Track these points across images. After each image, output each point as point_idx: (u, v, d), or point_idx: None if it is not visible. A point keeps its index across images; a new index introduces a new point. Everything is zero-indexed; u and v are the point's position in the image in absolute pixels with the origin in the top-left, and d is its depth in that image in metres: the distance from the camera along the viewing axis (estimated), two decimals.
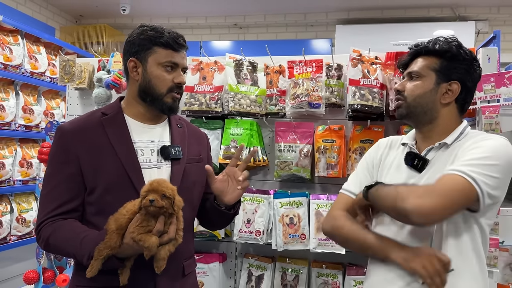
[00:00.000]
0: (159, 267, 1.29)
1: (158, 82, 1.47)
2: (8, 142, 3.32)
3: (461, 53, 1.35)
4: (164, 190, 1.25)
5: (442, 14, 4.98)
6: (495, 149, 1.24)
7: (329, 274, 2.13)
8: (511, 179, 1.30)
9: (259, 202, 2.15)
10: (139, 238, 1.24)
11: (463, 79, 1.35)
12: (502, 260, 1.82)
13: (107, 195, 1.40)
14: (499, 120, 1.73)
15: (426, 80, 1.36)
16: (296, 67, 2.18)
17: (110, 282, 1.35)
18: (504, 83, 1.74)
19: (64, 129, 1.46)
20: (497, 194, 1.24)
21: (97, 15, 5.74)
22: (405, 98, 1.39)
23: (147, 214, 1.26)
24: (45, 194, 1.44)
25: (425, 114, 1.37)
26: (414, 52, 1.41)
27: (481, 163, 1.20)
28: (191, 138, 1.63)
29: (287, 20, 5.47)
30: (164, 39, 1.45)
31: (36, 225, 1.43)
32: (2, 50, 3.24)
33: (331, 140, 2.11)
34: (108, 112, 1.51)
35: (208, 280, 2.23)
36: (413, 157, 1.36)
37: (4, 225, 3.18)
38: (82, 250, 1.32)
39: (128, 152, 1.44)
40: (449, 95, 1.35)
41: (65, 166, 1.42)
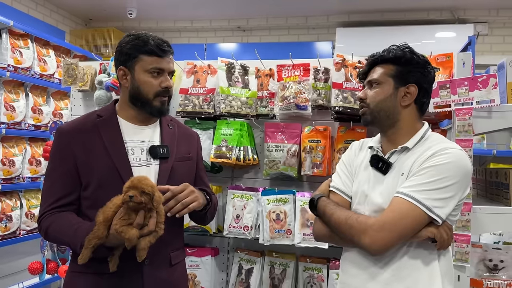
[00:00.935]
0: (140, 257, 1.40)
1: (146, 87, 1.58)
2: (18, 141, 3.47)
3: (414, 58, 1.45)
4: (143, 187, 1.36)
5: (442, 16, 5.04)
6: (448, 169, 1.35)
7: (315, 268, 2.23)
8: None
9: (248, 199, 2.26)
10: (121, 230, 1.36)
11: (419, 81, 1.45)
12: (476, 256, 1.91)
13: (99, 190, 1.52)
14: (472, 122, 1.82)
15: (385, 86, 1.46)
16: (285, 71, 2.28)
17: (101, 269, 1.48)
18: (477, 86, 1.83)
19: (62, 130, 1.60)
20: (454, 208, 1.38)
21: (105, 18, 5.92)
22: (368, 105, 1.49)
23: (128, 208, 1.37)
24: (45, 189, 1.58)
25: (388, 118, 1.48)
26: (372, 62, 1.51)
27: (434, 187, 1.34)
28: (181, 138, 1.74)
29: (289, 23, 5.58)
30: (148, 47, 1.56)
31: (38, 217, 1.57)
32: (13, 53, 3.40)
33: (317, 140, 2.21)
34: (103, 114, 1.64)
35: (200, 272, 2.34)
36: (378, 160, 1.48)
37: (14, 220, 3.33)
38: (75, 240, 1.45)
39: (119, 151, 1.57)
40: (408, 97, 1.46)
41: (63, 163, 1.55)
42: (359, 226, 1.37)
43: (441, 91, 1.89)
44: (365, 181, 1.50)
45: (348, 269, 1.51)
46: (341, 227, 1.42)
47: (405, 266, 1.40)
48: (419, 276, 1.39)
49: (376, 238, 1.34)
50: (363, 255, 1.45)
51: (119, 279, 1.51)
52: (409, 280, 1.38)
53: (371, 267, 1.43)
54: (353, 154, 1.62)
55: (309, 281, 2.22)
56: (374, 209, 1.45)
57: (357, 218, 1.41)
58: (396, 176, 1.43)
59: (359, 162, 1.57)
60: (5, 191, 3.32)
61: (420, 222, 1.35)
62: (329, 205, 1.49)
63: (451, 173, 1.35)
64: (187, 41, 5.92)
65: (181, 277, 1.72)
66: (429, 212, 1.33)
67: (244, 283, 2.30)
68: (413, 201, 1.33)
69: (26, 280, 3.51)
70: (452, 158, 1.36)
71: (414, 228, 1.36)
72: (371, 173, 1.50)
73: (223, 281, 2.42)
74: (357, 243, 1.39)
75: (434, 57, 2.03)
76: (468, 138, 1.83)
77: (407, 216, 1.34)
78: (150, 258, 1.54)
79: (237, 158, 2.23)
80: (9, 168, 3.31)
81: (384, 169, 1.46)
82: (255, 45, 5.64)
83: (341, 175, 1.61)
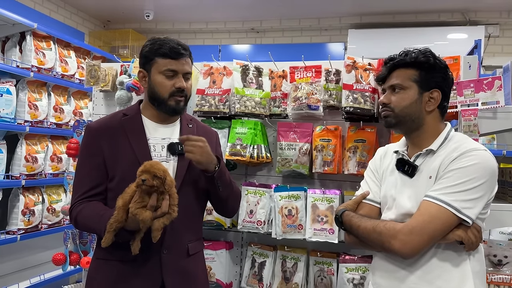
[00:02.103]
0: (155, 237, 1.49)
1: (160, 88, 1.68)
2: (41, 139, 3.61)
3: (437, 63, 1.47)
4: (155, 171, 1.46)
5: (453, 18, 5.06)
6: (475, 170, 1.37)
7: (325, 262, 2.32)
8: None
9: (261, 195, 2.36)
10: (135, 212, 1.46)
11: (442, 86, 1.48)
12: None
13: (123, 183, 1.62)
14: (477, 122, 1.89)
15: (409, 91, 1.47)
16: (297, 73, 2.37)
17: (123, 256, 1.59)
18: (483, 88, 1.90)
19: (91, 127, 1.73)
20: (483, 207, 1.39)
21: (123, 20, 6.06)
22: (393, 109, 1.49)
23: (142, 192, 1.48)
24: (76, 182, 1.71)
25: (413, 122, 1.49)
26: (391, 66, 1.51)
27: (462, 189, 1.35)
28: (200, 135, 1.84)
29: (302, 25, 5.65)
30: (162, 50, 1.66)
31: (69, 207, 1.70)
32: (36, 55, 3.55)
33: (328, 139, 2.30)
34: (128, 113, 1.76)
35: (215, 265, 2.44)
36: (404, 164, 1.51)
37: (36, 214, 3.47)
38: (100, 225, 1.56)
39: (142, 147, 1.68)
40: (432, 102, 1.48)
41: (92, 158, 1.68)
42: (388, 232, 1.39)
43: None
44: (392, 186, 1.53)
45: (378, 273, 1.55)
46: (371, 236, 1.44)
47: (434, 268, 1.41)
48: (450, 278, 1.40)
49: (406, 242, 1.35)
50: (391, 260, 1.48)
51: (139, 267, 1.62)
52: (439, 282, 1.40)
53: (400, 270, 1.46)
54: (378, 160, 1.65)
55: (319, 274, 2.31)
56: (402, 213, 1.47)
57: (384, 224, 1.43)
58: (424, 179, 1.45)
59: (385, 167, 1.60)
60: (28, 187, 3.47)
61: (450, 224, 1.36)
62: (354, 218, 1.51)
63: (478, 174, 1.36)
64: (202, 42, 6.04)
65: (198, 267, 1.81)
66: (458, 214, 1.34)
67: (257, 275, 2.40)
68: (441, 203, 1.35)
69: (48, 272, 3.66)
70: (479, 159, 1.38)
71: (444, 230, 1.36)
72: (397, 177, 1.52)
73: (237, 273, 2.52)
74: (388, 249, 1.41)
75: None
76: (473, 138, 1.89)
77: (436, 219, 1.35)
78: (168, 248, 1.64)
79: (251, 156, 2.33)
80: (32, 164, 3.45)
81: (411, 172, 1.48)
82: (268, 46, 5.74)
83: (369, 183, 1.65)
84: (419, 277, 1.42)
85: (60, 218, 3.72)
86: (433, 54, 1.49)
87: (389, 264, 1.49)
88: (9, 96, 3.29)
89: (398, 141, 1.65)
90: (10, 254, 3.46)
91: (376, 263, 1.58)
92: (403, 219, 1.45)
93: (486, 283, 1.49)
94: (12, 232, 3.30)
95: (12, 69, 3.34)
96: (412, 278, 1.43)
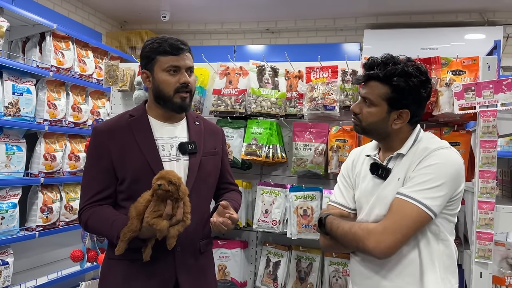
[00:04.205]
0: (170, 244, 1.53)
1: (165, 85, 1.69)
2: (59, 137, 3.67)
3: (409, 85, 1.48)
4: (170, 177, 1.49)
5: (471, 18, 5.00)
6: (440, 169, 1.44)
7: (340, 262, 2.31)
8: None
9: (276, 195, 2.37)
10: (152, 222, 1.49)
11: (412, 106, 1.52)
12: (499, 254, 1.96)
13: (133, 184, 1.64)
14: (496, 123, 1.87)
15: (378, 108, 1.53)
16: (313, 73, 2.38)
17: (135, 256, 1.61)
18: (502, 89, 1.87)
19: (98, 129, 1.72)
20: (452, 206, 1.47)
21: (140, 21, 6.12)
22: (360, 121, 1.58)
23: (157, 200, 1.50)
24: (84, 184, 1.71)
25: (380, 134, 1.58)
26: (367, 77, 1.56)
27: (429, 186, 1.42)
28: (207, 134, 1.85)
29: (317, 25, 5.64)
30: (162, 48, 1.67)
31: (78, 210, 1.71)
32: (55, 55, 3.62)
33: (344, 139, 2.30)
34: (135, 114, 1.76)
35: (230, 264, 2.46)
36: (377, 168, 1.57)
37: (54, 212, 3.53)
38: (112, 232, 1.58)
39: (150, 147, 1.68)
40: (399, 121, 1.53)
41: (99, 160, 1.67)
42: (362, 232, 1.45)
43: (466, 94, 1.94)
44: (365, 190, 1.60)
45: (353, 274, 1.64)
46: (347, 236, 1.50)
47: (394, 265, 1.49)
48: (410, 272, 1.48)
49: (379, 241, 1.40)
50: (363, 263, 1.56)
51: (153, 265, 1.64)
52: (404, 277, 1.48)
53: (369, 272, 1.55)
54: (350, 164, 1.73)
55: (334, 275, 2.31)
56: (376, 214, 1.53)
57: (359, 225, 1.49)
58: (393, 181, 1.52)
59: (358, 171, 1.67)
60: (47, 184, 3.53)
61: (421, 221, 1.42)
62: (335, 221, 1.58)
63: (442, 172, 1.43)
64: (217, 43, 6.07)
65: (209, 263, 1.84)
66: (428, 211, 1.41)
67: (272, 275, 2.41)
68: (413, 201, 1.41)
69: (65, 269, 3.74)
70: (443, 158, 1.45)
71: (416, 228, 1.42)
72: (370, 182, 1.59)
73: (251, 272, 2.54)
74: (362, 249, 1.46)
75: (460, 61, 2.08)
76: (492, 139, 1.88)
77: (408, 217, 1.41)
78: (182, 246, 1.66)
79: (267, 155, 2.34)
80: (51, 162, 3.52)
81: (384, 175, 1.55)
82: (283, 46, 5.75)
83: (341, 188, 1.73)
84: (385, 277, 1.50)
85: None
86: (409, 72, 1.50)
87: (361, 267, 1.57)
88: (29, 95, 3.36)
89: (370, 143, 1.72)
90: (29, 251, 3.53)
91: (352, 264, 1.65)
92: (376, 220, 1.50)
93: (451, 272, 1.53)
94: (31, 229, 3.37)
95: (33, 69, 3.41)
96: (380, 278, 1.51)
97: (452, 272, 1.53)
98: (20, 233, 3.26)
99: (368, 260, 1.55)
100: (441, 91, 2.03)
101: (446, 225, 1.50)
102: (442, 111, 2.02)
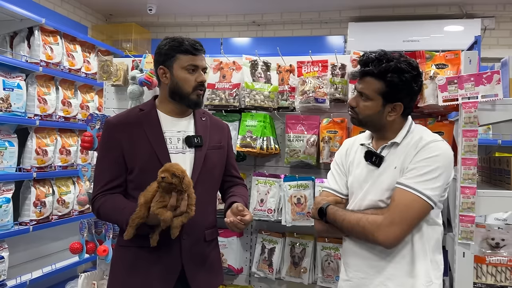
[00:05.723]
0: (173, 234, 1.62)
1: (184, 83, 1.79)
2: (50, 132, 3.68)
3: (402, 80, 1.60)
4: (174, 170, 1.57)
5: (450, 11, 5.17)
6: (437, 161, 1.56)
7: (332, 247, 2.44)
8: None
9: (271, 185, 2.47)
10: (157, 212, 1.58)
11: (405, 99, 1.64)
12: (480, 235, 2.10)
13: (142, 174, 1.74)
14: (477, 114, 2.00)
15: (374, 102, 1.65)
16: (304, 67, 2.47)
17: (143, 243, 1.70)
18: (482, 82, 2.00)
19: (110, 123, 1.82)
20: (443, 194, 1.60)
21: (125, 14, 6.10)
22: (357, 114, 1.69)
23: (163, 191, 1.58)
24: (97, 174, 1.81)
25: (375, 126, 1.69)
26: (363, 73, 1.67)
27: (429, 177, 1.54)
28: (213, 128, 1.94)
29: (302, 18, 5.73)
30: (183, 47, 1.77)
31: (91, 198, 1.80)
32: (44, 49, 3.61)
33: (334, 131, 2.40)
34: (145, 109, 1.86)
35: (227, 251, 2.55)
36: (371, 155, 1.68)
37: (47, 206, 3.56)
38: (121, 218, 1.68)
39: (159, 140, 1.78)
40: (394, 113, 1.65)
41: (111, 152, 1.78)
42: (371, 226, 1.56)
43: (449, 86, 2.06)
44: (359, 176, 1.71)
45: (348, 254, 1.75)
46: (355, 229, 1.61)
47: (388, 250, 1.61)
48: (400, 259, 1.61)
49: (388, 233, 1.53)
50: (358, 243, 1.68)
51: (160, 252, 1.73)
52: (395, 258, 1.61)
53: (364, 251, 1.67)
54: (344, 153, 1.84)
55: (326, 259, 2.43)
56: (369, 199, 1.65)
57: (367, 218, 1.59)
58: (389, 169, 1.63)
59: (351, 159, 1.78)
60: (39, 179, 3.55)
61: (424, 211, 1.55)
62: (339, 212, 1.68)
63: (440, 163, 1.55)
64: (203, 35, 6.10)
65: (214, 252, 1.94)
66: (429, 201, 1.53)
67: (267, 261, 2.52)
68: (415, 192, 1.53)
69: (59, 262, 3.78)
70: (439, 150, 1.58)
71: (420, 218, 1.56)
72: (364, 169, 1.70)
73: (247, 259, 2.64)
74: (372, 241, 1.58)
75: (443, 55, 2.21)
76: (473, 129, 2.00)
77: (412, 208, 1.53)
78: (188, 234, 1.76)
79: (261, 147, 2.43)
80: (43, 157, 3.54)
81: (378, 163, 1.66)
82: (269, 39, 5.82)
83: (335, 175, 1.83)
84: (379, 256, 1.63)
85: (70, 209, 3.82)
86: (402, 68, 1.61)
87: (356, 247, 1.69)
88: (20, 90, 3.36)
89: (363, 133, 1.84)
90: (23, 245, 3.56)
91: (346, 245, 1.77)
92: (369, 205, 1.64)
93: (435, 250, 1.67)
94: (25, 223, 3.39)
95: (22, 64, 3.41)
96: (373, 258, 1.64)
97: (439, 253, 1.67)
98: (15, 228, 3.29)
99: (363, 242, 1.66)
100: (425, 84, 2.14)
101: (435, 210, 1.62)
102: (427, 102, 2.14)
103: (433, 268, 1.63)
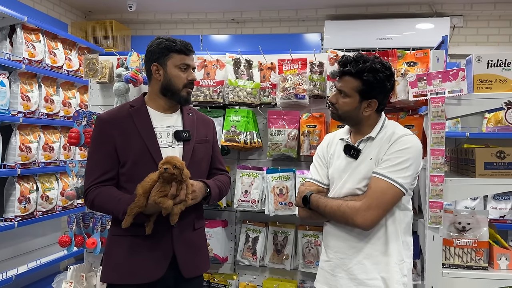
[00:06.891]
0: (173, 220, 1.74)
1: (176, 80, 1.91)
2: (33, 129, 3.69)
3: (377, 79, 1.78)
4: (175, 162, 1.69)
5: (421, 10, 5.38)
6: (408, 153, 1.75)
7: (312, 234, 2.59)
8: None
9: (255, 177, 2.60)
10: (159, 201, 1.69)
11: (380, 96, 1.82)
12: (448, 220, 2.28)
13: (134, 167, 1.84)
14: (444, 108, 2.17)
15: (351, 99, 1.83)
16: (285, 65, 2.60)
17: (137, 232, 1.81)
18: (449, 78, 2.16)
19: (103, 118, 1.91)
20: (413, 182, 1.79)
21: (105, 11, 6.07)
22: (337, 110, 1.87)
23: (163, 181, 1.70)
24: (89, 168, 1.90)
25: (353, 120, 1.87)
26: (342, 72, 1.84)
27: (401, 167, 1.74)
28: (199, 123, 2.06)
29: (280, 16, 5.83)
30: (177, 47, 1.89)
31: (84, 190, 1.88)
32: (27, 47, 3.63)
33: (314, 125, 2.55)
34: (135, 105, 1.96)
35: (212, 241, 2.67)
36: (350, 149, 1.86)
37: (32, 202, 3.58)
38: (118, 208, 1.77)
39: (149, 135, 1.88)
40: (369, 108, 1.83)
41: (104, 146, 1.87)
42: (350, 210, 1.74)
43: (419, 83, 2.22)
44: (339, 167, 1.88)
45: (329, 237, 1.91)
46: (336, 214, 1.78)
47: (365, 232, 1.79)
48: (375, 241, 1.80)
49: (366, 217, 1.71)
50: (339, 227, 1.84)
51: (152, 240, 1.84)
52: (371, 240, 1.79)
53: (344, 234, 1.84)
54: (325, 147, 2.01)
55: (307, 246, 2.58)
56: (348, 188, 1.82)
57: (347, 204, 1.77)
58: (366, 160, 1.81)
59: (332, 152, 1.95)
60: (23, 175, 3.57)
61: (397, 197, 1.75)
62: (321, 199, 1.85)
63: (411, 155, 1.74)
64: (183, 32, 6.14)
65: (202, 239, 2.06)
66: (401, 188, 1.72)
67: (251, 249, 2.65)
68: (389, 180, 1.72)
69: (44, 257, 3.82)
70: (411, 143, 1.77)
71: (393, 203, 1.75)
72: (343, 161, 1.88)
73: (232, 248, 2.77)
74: (351, 225, 1.76)
75: (413, 53, 2.37)
76: (441, 122, 2.17)
77: (387, 194, 1.72)
78: (178, 222, 1.87)
79: (244, 141, 2.56)
80: (27, 154, 3.56)
81: (355, 155, 1.84)
82: (248, 36, 5.92)
83: (317, 167, 2.00)
84: (357, 238, 1.80)
85: (54, 205, 3.85)
86: (376, 68, 1.79)
87: (336, 230, 1.86)
88: (3, 88, 3.37)
89: (342, 128, 2.02)
90: (8, 241, 3.58)
91: (327, 229, 1.93)
92: (347, 193, 1.82)
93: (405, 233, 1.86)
94: (10, 219, 3.42)
95: (5, 62, 3.41)
96: (352, 240, 1.82)
97: (409, 235, 1.86)
98: (0, 224, 3.32)
99: (343, 225, 1.82)
100: (397, 80, 2.30)
101: (406, 197, 1.81)
102: (398, 98, 2.30)
103: (404, 248, 1.80)
